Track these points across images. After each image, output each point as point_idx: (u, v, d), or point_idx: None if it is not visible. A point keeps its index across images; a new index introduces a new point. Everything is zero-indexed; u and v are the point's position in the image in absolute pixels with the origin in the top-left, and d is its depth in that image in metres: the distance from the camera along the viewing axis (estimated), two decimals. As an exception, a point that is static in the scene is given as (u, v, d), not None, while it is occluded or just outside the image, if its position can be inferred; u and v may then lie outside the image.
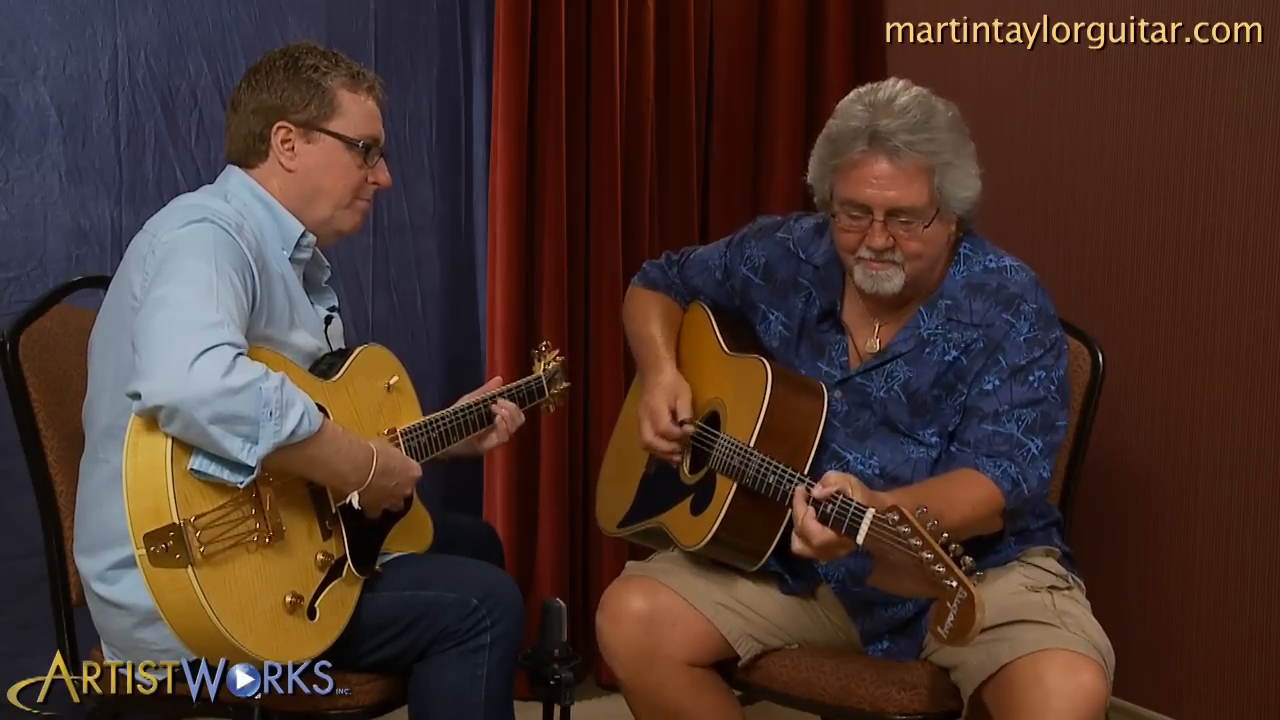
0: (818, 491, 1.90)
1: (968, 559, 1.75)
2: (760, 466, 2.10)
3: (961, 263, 2.19)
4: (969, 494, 2.03)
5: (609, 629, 2.19)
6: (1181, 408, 2.77)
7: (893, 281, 2.12)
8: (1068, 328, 2.43)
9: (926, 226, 2.09)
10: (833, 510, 1.89)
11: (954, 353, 2.15)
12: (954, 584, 1.72)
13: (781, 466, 2.07)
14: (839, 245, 2.17)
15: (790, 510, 1.98)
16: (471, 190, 3.19)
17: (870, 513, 1.84)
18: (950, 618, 1.72)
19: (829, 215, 2.17)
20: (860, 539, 1.85)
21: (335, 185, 2.14)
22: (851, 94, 2.15)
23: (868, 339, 2.23)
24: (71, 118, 2.76)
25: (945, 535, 1.77)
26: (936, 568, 1.74)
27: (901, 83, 2.14)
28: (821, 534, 1.90)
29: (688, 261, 2.46)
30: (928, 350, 2.17)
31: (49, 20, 2.73)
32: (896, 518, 1.79)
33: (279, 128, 2.10)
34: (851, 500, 1.87)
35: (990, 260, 2.19)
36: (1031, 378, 2.11)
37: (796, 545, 1.94)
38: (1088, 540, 2.74)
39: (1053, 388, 2.12)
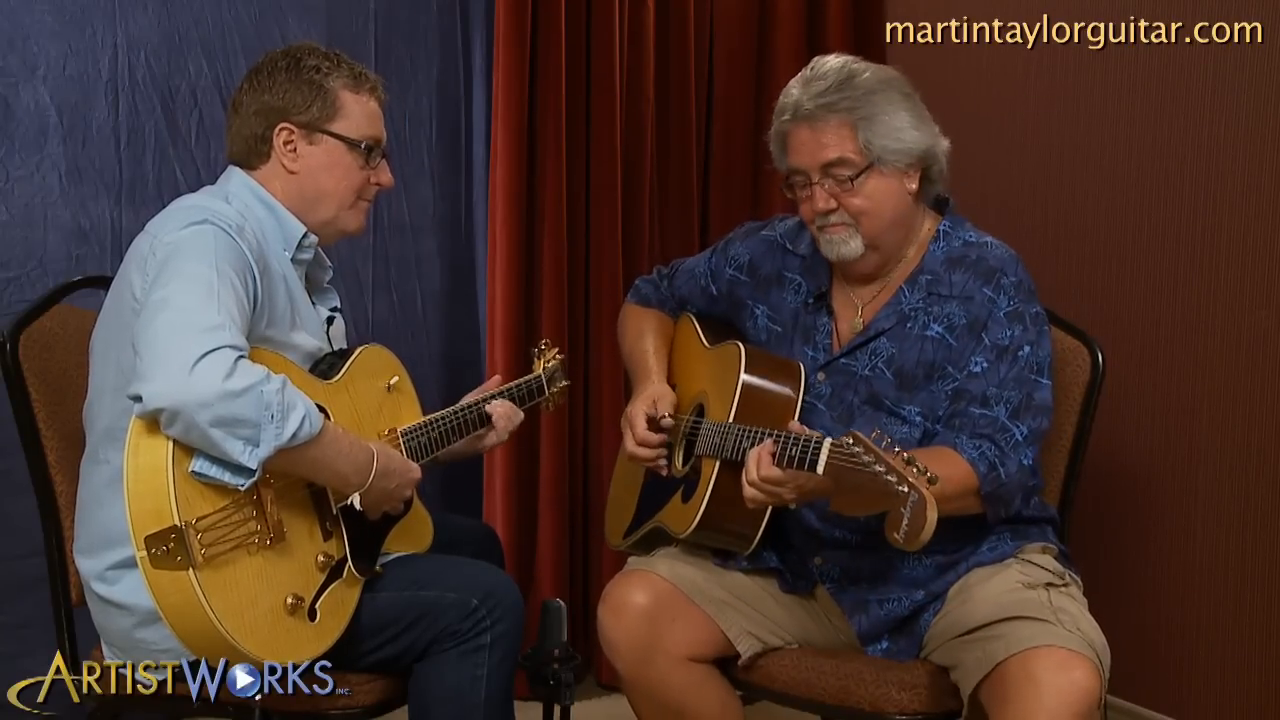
0: (791, 425, 1.99)
1: (921, 463, 1.78)
2: (738, 435, 2.12)
3: (941, 239, 2.23)
4: (939, 468, 2.03)
5: (610, 622, 2.19)
6: (1181, 408, 2.77)
7: (850, 245, 2.17)
8: (1068, 328, 2.43)
9: (858, 178, 2.13)
10: (796, 451, 1.95)
11: (936, 327, 2.17)
12: (905, 489, 1.75)
13: (757, 430, 2.09)
14: (804, 220, 2.24)
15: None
16: (471, 190, 3.20)
17: (828, 441, 1.90)
18: (905, 521, 1.75)
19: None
20: (820, 468, 1.90)
21: (338, 186, 2.14)
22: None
23: (852, 319, 2.25)
24: (71, 118, 2.76)
25: (899, 449, 1.81)
26: (889, 478, 1.77)
27: (833, 56, 2.21)
28: (769, 469, 1.98)
29: (676, 273, 2.51)
30: (910, 325, 2.19)
31: (49, 20, 2.73)
32: (851, 441, 1.85)
33: (281, 129, 2.10)
34: (811, 436, 1.93)
35: (970, 236, 2.24)
36: (1020, 354, 2.12)
37: (746, 476, 2.02)
38: (1087, 540, 2.74)
39: (1036, 367, 2.13)
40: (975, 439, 2.08)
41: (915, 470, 1.77)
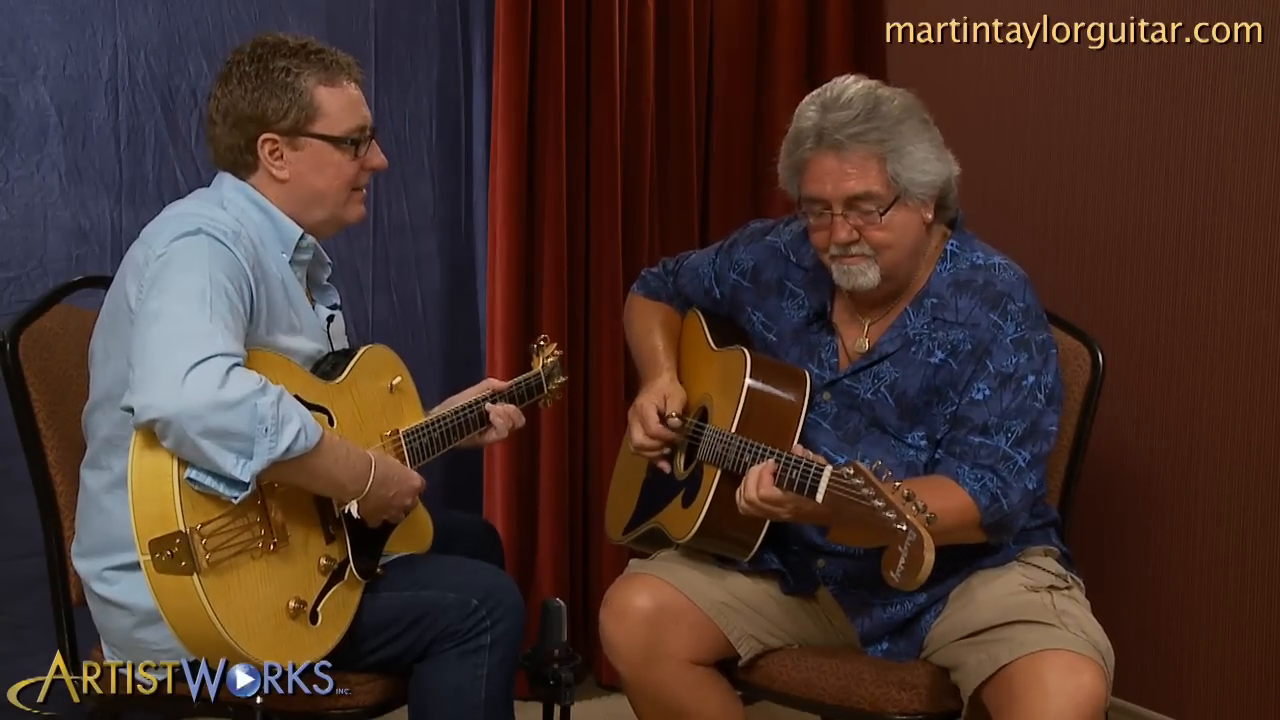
0: (795, 449, 1.97)
1: (920, 500, 1.77)
2: (740, 449, 2.11)
3: (948, 260, 2.19)
4: (939, 502, 1.98)
5: (613, 626, 2.19)
6: (1181, 407, 2.76)
7: (867, 276, 2.13)
8: (1068, 328, 2.43)
9: (885, 212, 2.10)
10: (796, 474, 1.95)
11: (940, 354, 2.15)
12: (904, 528, 1.75)
13: (760, 446, 2.09)
14: (814, 246, 2.19)
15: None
16: (471, 190, 3.19)
17: (828, 470, 1.89)
18: (901, 561, 1.75)
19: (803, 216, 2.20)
20: (820, 496, 1.89)
21: (331, 185, 2.11)
22: (808, 95, 2.18)
23: (857, 339, 2.24)
24: (71, 118, 2.76)
25: (899, 485, 1.79)
26: (888, 514, 1.77)
27: (852, 78, 2.17)
28: (769, 489, 1.98)
29: (681, 269, 2.49)
30: (914, 350, 2.17)
31: (49, 20, 2.73)
32: (851, 472, 1.84)
33: (264, 140, 2.06)
34: (813, 462, 1.93)
35: (978, 257, 2.19)
36: (1024, 383, 2.10)
37: (740, 499, 2.01)
38: (1088, 540, 2.74)
39: (1041, 395, 2.10)
40: (977, 469, 2.07)
41: (914, 508, 1.76)
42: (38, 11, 2.72)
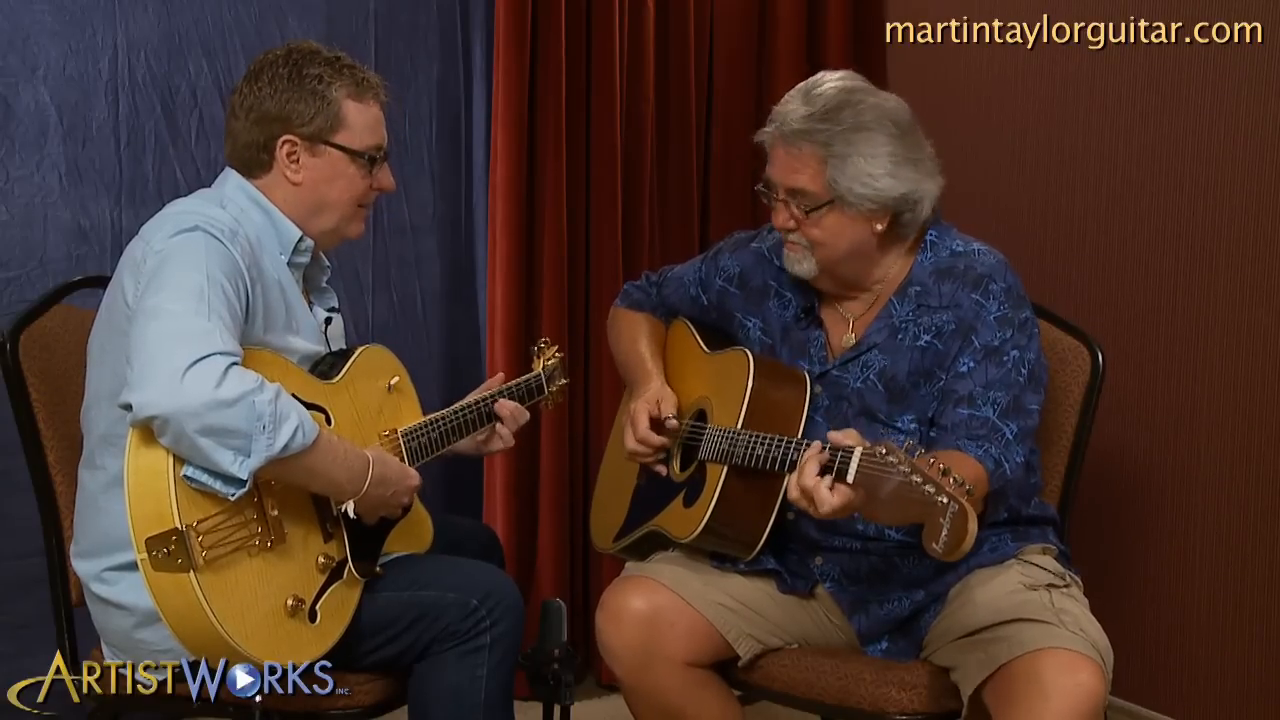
0: (832, 436, 1.89)
1: (957, 474, 1.75)
2: (749, 441, 2.12)
3: (928, 250, 2.21)
4: (962, 472, 1.99)
5: (609, 629, 2.19)
6: (1181, 408, 2.77)
7: (803, 265, 2.18)
8: (1067, 327, 2.43)
9: (814, 212, 2.12)
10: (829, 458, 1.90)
11: (926, 337, 2.16)
12: (944, 500, 1.72)
13: (770, 436, 2.09)
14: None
15: (786, 482, 1.97)
16: (471, 190, 3.19)
17: (858, 450, 1.84)
18: (944, 532, 1.71)
19: None
20: (850, 477, 1.84)
21: (341, 197, 2.13)
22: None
23: (844, 333, 2.25)
24: (71, 118, 2.76)
25: (933, 460, 1.76)
26: (927, 488, 1.73)
27: (840, 74, 2.19)
28: (829, 502, 1.85)
29: (665, 281, 2.50)
30: (900, 337, 2.18)
31: (49, 20, 2.73)
32: (884, 450, 1.80)
33: (284, 142, 2.08)
34: (840, 444, 1.87)
35: (958, 245, 2.22)
36: (1006, 359, 2.12)
37: (793, 494, 1.91)
38: (1087, 540, 2.74)
39: (1024, 370, 2.12)
40: (974, 440, 2.08)
41: (952, 481, 1.74)
42: (38, 11, 2.73)
